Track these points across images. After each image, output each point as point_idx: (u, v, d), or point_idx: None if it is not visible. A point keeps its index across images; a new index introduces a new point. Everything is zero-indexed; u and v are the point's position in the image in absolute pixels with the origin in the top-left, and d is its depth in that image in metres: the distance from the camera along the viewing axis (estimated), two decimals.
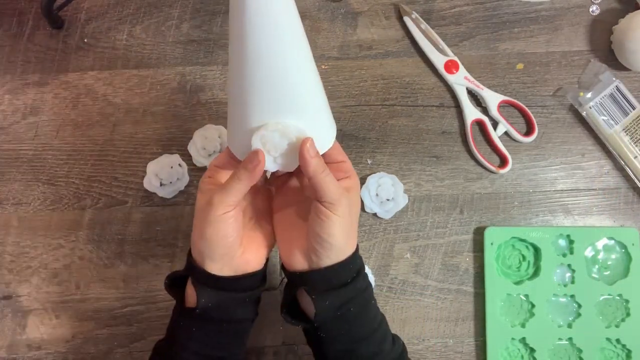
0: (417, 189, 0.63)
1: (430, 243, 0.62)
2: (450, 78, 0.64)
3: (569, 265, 0.61)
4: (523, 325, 0.60)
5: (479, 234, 0.62)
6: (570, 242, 0.61)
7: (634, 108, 0.63)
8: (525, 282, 0.60)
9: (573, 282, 0.60)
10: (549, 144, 0.63)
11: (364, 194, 0.61)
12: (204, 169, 0.62)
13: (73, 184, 0.63)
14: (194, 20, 0.66)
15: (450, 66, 0.64)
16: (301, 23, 0.41)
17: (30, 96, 0.64)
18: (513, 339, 0.60)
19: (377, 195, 0.61)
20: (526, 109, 0.63)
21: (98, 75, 0.65)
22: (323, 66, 0.65)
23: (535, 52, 0.65)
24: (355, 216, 0.45)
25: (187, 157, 0.62)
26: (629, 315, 0.60)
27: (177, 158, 0.62)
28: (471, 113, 0.63)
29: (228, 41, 0.41)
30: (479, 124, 0.64)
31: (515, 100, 0.63)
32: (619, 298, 0.60)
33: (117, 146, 0.63)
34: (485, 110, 0.64)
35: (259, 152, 0.41)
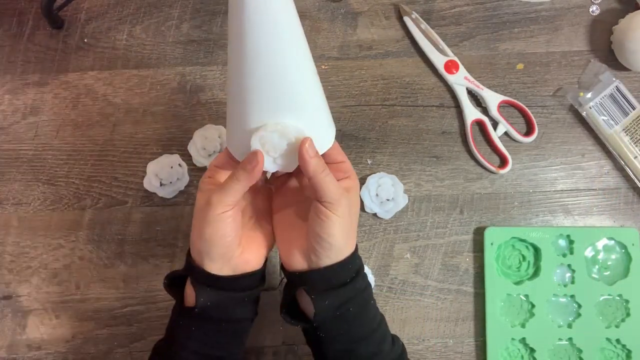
0: (417, 189, 0.63)
1: (430, 243, 0.62)
2: (450, 78, 0.64)
3: (569, 266, 0.61)
4: (523, 326, 0.60)
5: (479, 234, 0.62)
6: (570, 242, 0.61)
7: (634, 108, 0.62)
8: (525, 282, 0.60)
9: (573, 282, 0.60)
10: (549, 144, 0.63)
11: (364, 194, 0.61)
12: (204, 169, 0.62)
13: (73, 184, 0.63)
14: (194, 20, 0.66)
15: (450, 66, 0.64)
16: (300, 22, 0.41)
17: (30, 96, 0.64)
18: (513, 339, 0.60)
19: (377, 195, 0.61)
20: (526, 109, 0.63)
21: (98, 75, 0.65)
22: (323, 66, 0.65)
23: (535, 52, 0.65)
24: (355, 216, 0.45)
25: (187, 157, 0.62)
26: (629, 315, 0.60)
27: (177, 158, 0.62)
28: (471, 113, 0.63)
29: (227, 41, 0.42)
30: (479, 124, 0.64)
31: (515, 101, 0.63)
32: (619, 298, 0.60)
33: (117, 146, 0.63)
34: (485, 111, 0.64)
35: (258, 153, 0.41)
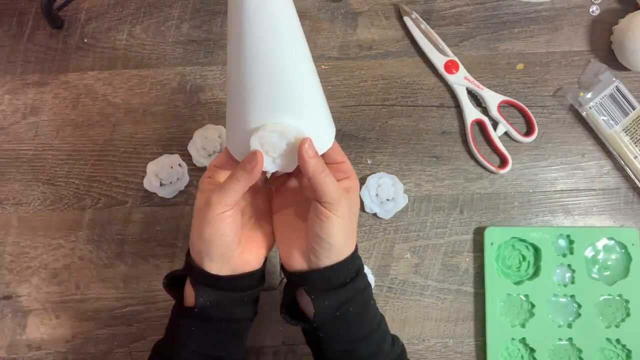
0: (417, 189, 0.63)
1: (430, 243, 0.62)
2: (450, 78, 0.64)
3: (569, 266, 0.61)
4: (523, 325, 0.60)
5: (479, 234, 0.62)
6: (570, 242, 0.61)
7: (634, 108, 0.62)
8: (525, 282, 0.60)
9: (573, 282, 0.60)
10: (549, 144, 0.63)
11: (364, 194, 0.61)
12: (204, 169, 0.62)
13: (73, 184, 0.63)
14: (194, 20, 0.66)
15: (450, 66, 0.64)
16: (299, 22, 0.41)
17: (30, 96, 0.64)
18: (513, 339, 0.60)
19: (377, 195, 0.61)
20: (526, 109, 0.63)
21: (98, 75, 0.65)
22: (323, 66, 0.65)
23: (535, 52, 0.65)
24: (355, 216, 0.45)
25: (187, 157, 0.62)
26: (629, 315, 0.60)
27: (177, 158, 0.62)
28: (471, 113, 0.63)
29: (227, 41, 0.42)
30: (479, 124, 0.64)
31: (515, 101, 0.63)
32: (619, 298, 0.60)
33: (117, 146, 0.63)
34: (485, 111, 0.64)
35: (257, 153, 0.41)
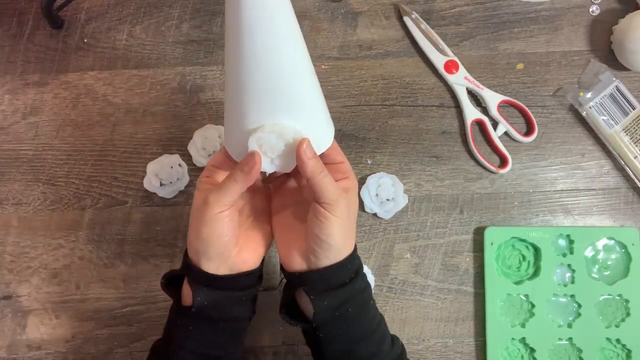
0: (417, 189, 0.63)
1: (430, 243, 0.62)
2: (450, 78, 0.64)
3: (569, 265, 0.61)
4: (523, 325, 0.60)
5: (479, 234, 0.62)
6: (570, 242, 0.61)
7: (634, 108, 0.62)
8: (525, 282, 0.60)
9: (573, 282, 0.60)
10: (549, 144, 0.63)
11: (364, 194, 0.61)
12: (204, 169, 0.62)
13: (73, 184, 0.63)
14: (194, 20, 0.66)
15: (450, 66, 0.64)
16: (297, 21, 0.41)
17: (30, 96, 0.64)
18: (513, 339, 0.60)
19: (377, 195, 0.61)
20: (526, 109, 0.63)
21: (98, 75, 0.65)
22: (323, 66, 0.65)
23: (535, 52, 0.65)
24: (354, 217, 0.45)
25: (187, 157, 0.62)
26: (629, 315, 0.60)
27: (177, 158, 0.62)
28: (471, 113, 0.63)
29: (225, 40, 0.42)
30: (479, 124, 0.64)
31: (515, 100, 0.63)
32: (619, 298, 0.60)
33: (117, 146, 0.63)
34: (485, 110, 0.64)
35: (255, 154, 0.41)
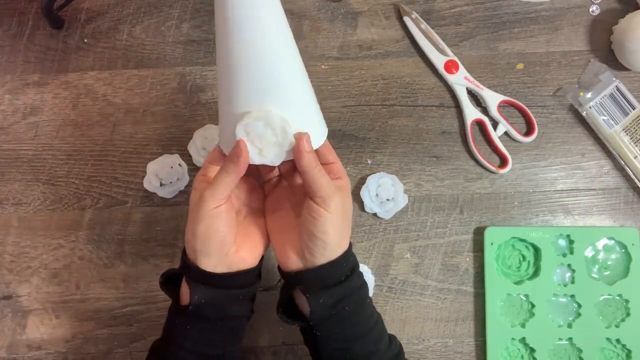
0: (417, 189, 0.63)
1: (430, 243, 0.62)
2: (450, 78, 0.64)
3: (569, 265, 0.61)
4: (523, 325, 0.60)
5: (479, 234, 0.62)
6: (570, 242, 0.61)
7: (634, 108, 0.62)
8: (525, 282, 0.60)
9: (573, 282, 0.60)
10: (549, 144, 0.63)
11: (364, 194, 0.61)
12: None
13: (73, 184, 0.63)
14: (194, 20, 0.66)
15: (450, 66, 0.64)
16: (284, 14, 0.43)
17: (30, 96, 0.64)
18: (513, 339, 0.60)
19: (377, 195, 0.61)
20: (526, 109, 0.63)
21: (98, 75, 0.65)
22: (323, 66, 0.65)
23: (535, 52, 0.65)
24: (348, 215, 0.45)
25: (187, 157, 0.62)
26: (629, 315, 0.60)
27: (177, 158, 0.62)
28: (471, 113, 0.63)
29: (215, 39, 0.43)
30: (479, 124, 0.64)
31: (515, 100, 0.63)
32: (619, 298, 0.60)
33: (117, 146, 0.63)
34: (485, 110, 0.64)
35: (241, 142, 0.42)
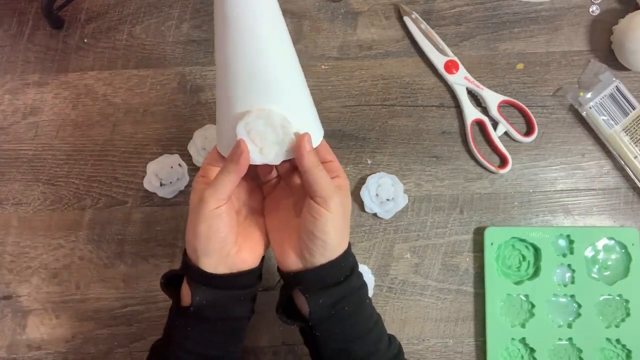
0: (417, 189, 0.63)
1: (430, 243, 0.62)
2: (450, 78, 0.64)
3: (569, 265, 0.61)
4: (523, 325, 0.60)
5: (479, 234, 0.62)
6: (570, 242, 0.61)
7: (634, 108, 0.62)
8: (525, 282, 0.60)
9: (573, 282, 0.60)
10: (549, 144, 0.63)
11: (364, 194, 0.61)
12: None
13: (73, 184, 0.63)
14: (194, 20, 0.66)
15: (450, 66, 0.64)
16: (282, 17, 0.43)
17: (30, 96, 0.64)
18: (513, 339, 0.60)
19: (377, 195, 0.61)
20: (526, 109, 0.63)
21: (98, 75, 0.65)
22: (323, 66, 0.65)
23: (535, 52, 0.65)
24: (347, 214, 0.45)
25: (187, 157, 0.62)
26: (629, 315, 0.60)
27: (177, 158, 0.62)
28: (471, 113, 0.63)
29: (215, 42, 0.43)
30: (479, 124, 0.64)
31: (515, 100, 0.63)
32: (619, 298, 0.60)
33: (117, 146, 0.63)
34: (485, 110, 0.64)
35: (241, 141, 0.42)
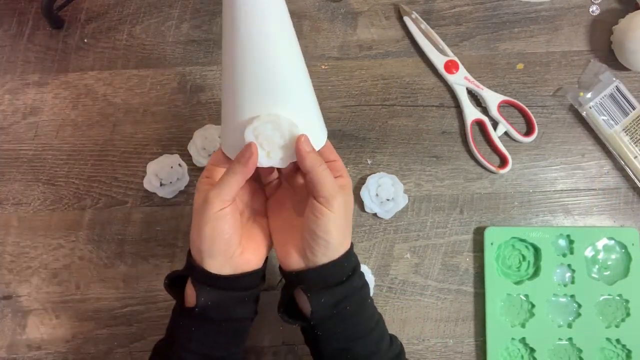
0: (417, 189, 0.63)
1: (430, 243, 0.62)
2: (450, 78, 0.64)
3: (569, 265, 0.61)
4: (523, 325, 0.60)
5: (479, 234, 0.62)
6: (570, 242, 0.61)
7: (634, 108, 0.62)
8: (525, 282, 0.60)
9: (573, 282, 0.60)
10: (549, 144, 0.63)
11: (364, 194, 0.61)
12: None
13: (73, 184, 0.63)
14: (194, 20, 0.66)
15: (450, 66, 0.64)
16: (290, 19, 0.42)
17: (30, 96, 0.64)
18: (513, 339, 0.60)
19: (377, 195, 0.61)
20: (526, 109, 0.63)
21: (98, 75, 0.65)
22: (323, 66, 0.65)
23: (535, 52, 0.65)
24: (349, 214, 0.46)
25: (187, 157, 0.62)
26: (629, 315, 0.60)
27: (177, 158, 0.62)
28: (471, 113, 0.63)
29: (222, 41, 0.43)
30: (479, 124, 0.64)
31: (515, 100, 0.63)
32: (619, 298, 0.60)
33: (117, 146, 0.63)
34: (485, 110, 0.64)
35: (252, 145, 0.42)
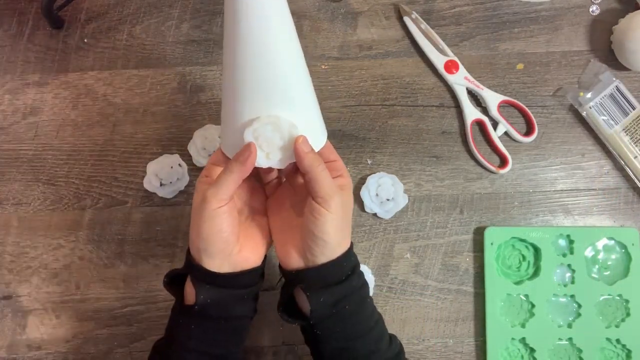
0: (417, 189, 0.63)
1: (430, 243, 0.62)
2: (450, 78, 0.64)
3: (569, 265, 0.61)
4: (523, 325, 0.60)
5: (479, 234, 0.62)
6: (570, 242, 0.61)
7: (634, 108, 0.62)
8: (525, 282, 0.60)
9: (573, 282, 0.60)
10: (549, 144, 0.63)
11: (364, 194, 0.61)
12: None
13: (73, 184, 0.63)
14: (194, 20, 0.66)
15: (450, 66, 0.64)
16: (292, 19, 0.42)
17: (30, 96, 0.64)
18: (513, 339, 0.60)
19: (377, 195, 0.61)
20: (526, 109, 0.63)
21: (98, 75, 0.65)
22: (323, 66, 0.65)
23: (535, 52, 0.65)
24: (349, 214, 0.46)
25: (187, 157, 0.62)
26: (629, 315, 0.60)
27: (177, 158, 0.62)
28: (471, 113, 0.63)
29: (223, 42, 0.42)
30: (479, 124, 0.64)
31: (515, 100, 0.63)
32: (619, 298, 0.60)
33: (117, 146, 0.63)
34: (485, 110, 0.64)
35: (251, 145, 0.42)
